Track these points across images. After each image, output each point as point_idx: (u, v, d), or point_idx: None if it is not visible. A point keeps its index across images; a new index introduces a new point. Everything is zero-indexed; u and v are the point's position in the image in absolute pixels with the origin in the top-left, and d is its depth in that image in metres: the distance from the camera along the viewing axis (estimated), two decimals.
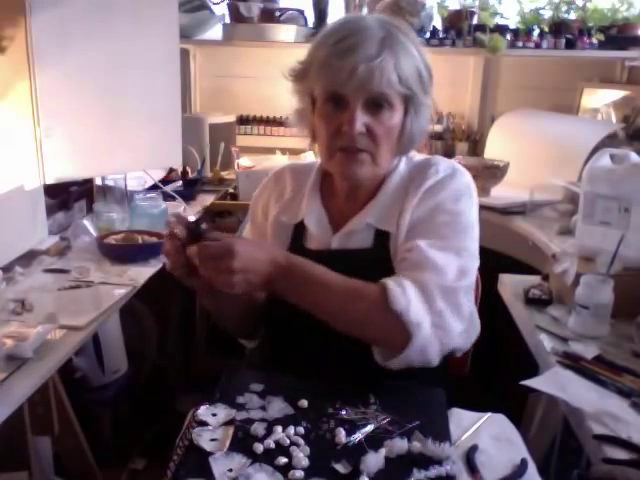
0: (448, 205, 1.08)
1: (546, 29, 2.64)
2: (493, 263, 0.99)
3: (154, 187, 2.18)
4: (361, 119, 1.03)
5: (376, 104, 1.04)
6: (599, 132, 2.30)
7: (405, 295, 0.98)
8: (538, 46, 2.64)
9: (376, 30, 1.03)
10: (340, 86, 1.02)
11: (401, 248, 1.08)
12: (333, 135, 1.06)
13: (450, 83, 2.82)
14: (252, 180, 2.32)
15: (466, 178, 1.14)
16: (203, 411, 1.02)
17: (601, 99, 2.78)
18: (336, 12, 2.74)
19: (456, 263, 1.04)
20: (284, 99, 1.16)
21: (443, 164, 1.14)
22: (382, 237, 1.12)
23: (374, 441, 0.93)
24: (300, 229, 1.19)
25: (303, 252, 1.13)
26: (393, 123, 1.06)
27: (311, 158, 1.08)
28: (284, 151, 2.73)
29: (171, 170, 2.49)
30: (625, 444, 0.96)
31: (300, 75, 1.11)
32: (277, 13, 2.78)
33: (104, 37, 1.76)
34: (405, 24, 1.09)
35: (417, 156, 1.20)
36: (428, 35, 2.66)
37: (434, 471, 0.89)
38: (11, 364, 1.09)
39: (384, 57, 1.00)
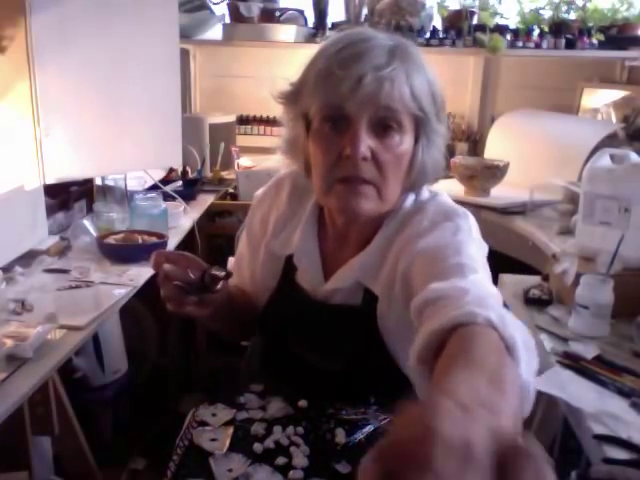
0: (440, 247, 0.88)
1: (546, 29, 2.64)
2: (493, 263, 0.96)
3: (154, 187, 2.18)
4: (366, 141, 0.87)
5: (383, 125, 0.89)
6: (599, 132, 2.30)
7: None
8: (538, 46, 2.64)
9: (384, 39, 0.90)
10: (342, 100, 0.87)
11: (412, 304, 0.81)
12: (332, 165, 0.90)
13: (450, 83, 2.81)
14: (252, 180, 2.32)
15: (456, 226, 0.92)
16: (203, 411, 1.02)
17: (601, 99, 2.78)
18: (336, 12, 2.74)
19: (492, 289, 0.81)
20: None
21: (433, 209, 0.97)
22: (371, 297, 0.98)
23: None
24: (292, 261, 1.08)
25: (293, 288, 1.08)
26: (402, 150, 0.91)
27: None
28: None
29: (171, 170, 2.49)
30: (625, 444, 0.96)
31: (293, 96, 0.96)
32: (277, 13, 2.78)
33: (104, 37, 1.75)
34: (412, 42, 0.96)
35: (425, 193, 1.03)
36: (428, 35, 2.66)
37: None
38: (11, 364, 1.09)
39: (395, 67, 0.86)
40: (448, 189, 1.15)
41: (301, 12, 2.81)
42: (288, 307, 1.09)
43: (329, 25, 2.71)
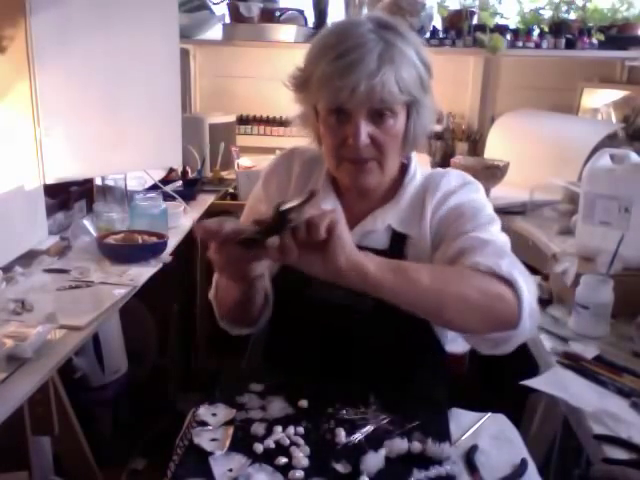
0: (467, 204, 1.11)
1: (546, 29, 2.64)
2: None
3: (154, 187, 2.18)
4: (365, 130, 1.04)
5: (379, 114, 1.04)
6: (599, 132, 2.30)
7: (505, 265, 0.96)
8: (538, 46, 2.63)
9: (374, 42, 1.02)
10: (342, 103, 1.03)
11: (445, 250, 1.06)
12: (338, 147, 1.07)
13: (450, 83, 2.81)
14: (252, 180, 2.32)
15: (476, 187, 1.16)
16: (203, 411, 1.02)
17: (601, 99, 2.77)
18: (336, 12, 2.73)
19: (503, 237, 1.09)
20: (284, 99, 1.16)
21: (454, 175, 1.17)
22: (399, 240, 1.13)
23: (374, 441, 0.94)
24: None
25: None
26: (396, 130, 1.07)
27: None
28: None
29: (171, 170, 2.49)
30: (625, 444, 0.96)
31: (300, 85, 1.10)
32: (277, 13, 2.78)
33: (104, 37, 1.75)
34: (403, 24, 1.08)
35: (429, 168, 1.23)
36: (428, 35, 2.66)
37: (434, 471, 0.89)
38: (11, 364, 1.09)
39: (384, 72, 1.00)
40: None
41: (301, 12, 2.81)
42: None
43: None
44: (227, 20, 2.83)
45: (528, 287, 0.95)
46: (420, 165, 1.21)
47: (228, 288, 1.09)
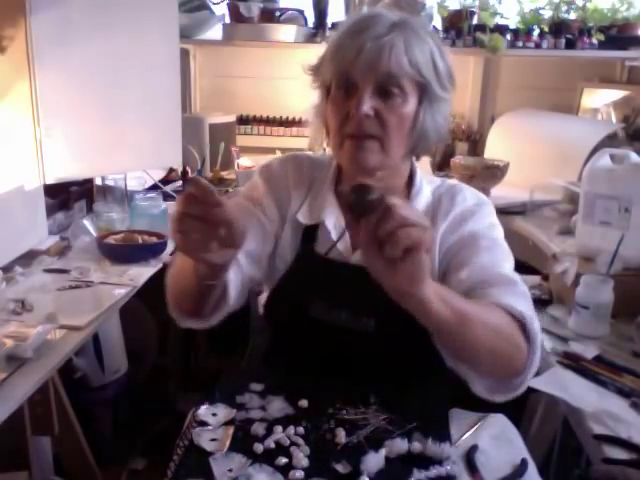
0: (483, 232, 1.08)
1: (546, 29, 2.64)
2: None
3: (154, 187, 2.18)
4: (369, 102, 0.99)
5: (386, 90, 1.00)
6: (599, 132, 2.30)
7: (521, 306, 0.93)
8: (538, 46, 2.63)
9: (390, 15, 1.02)
10: (347, 67, 1.00)
11: (467, 276, 1.02)
12: (342, 121, 1.03)
13: None
14: None
15: (491, 207, 1.14)
16: (203, 411, 1.02)
17: (601, 99, 2.77)
18: (336, 12, 2.73)
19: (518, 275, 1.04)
20: (284, 99, 1.16)
21: (469, 192, 1.14)
22: None
23: (374, 441, 0.94)
24: (311, 231, 1.13)
25: (313, 257, 1.11)
26: (405, 111, 1.02)
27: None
28: (284, 151, 2.73)
29: (171, 170, 2.49)
30: (625, 444, 0.96)
31: (316, 67, 1.10)
32: (277, 13, 2.78)
33: (104, 37, 1.75)
34: (424, 20, 1.09)
35: (437, 180, 1.18)
36: None
37: (434, 471, 0.89)
38: (11, 364, 1.09)
39: (393, 36, 0.98)
40: None
41: (301, 12, 2.81)
42: (311, 275, 1.10)
43: (329, 25, 2.70)
44: (227, 20, 2.83)
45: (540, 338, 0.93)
46: (425, 175, 1.17)
47: (192, 270, 0.93)
